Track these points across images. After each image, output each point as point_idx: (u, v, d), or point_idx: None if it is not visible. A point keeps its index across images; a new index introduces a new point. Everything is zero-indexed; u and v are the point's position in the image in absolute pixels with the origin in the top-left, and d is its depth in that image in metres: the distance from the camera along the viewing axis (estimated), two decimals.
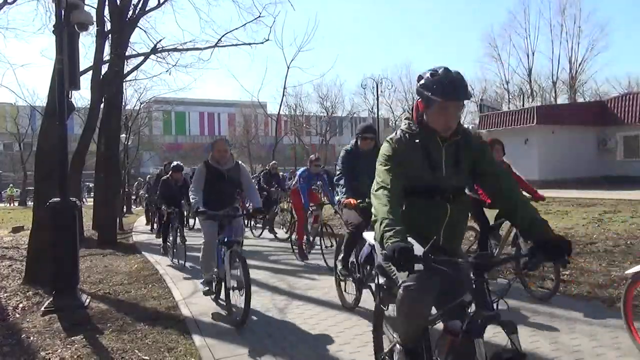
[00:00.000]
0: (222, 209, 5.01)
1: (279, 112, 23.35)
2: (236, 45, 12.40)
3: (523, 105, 37.80)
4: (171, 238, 8.26)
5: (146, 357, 3.72)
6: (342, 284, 4.96)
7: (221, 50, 46.91)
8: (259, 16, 12.25)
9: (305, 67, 61.30)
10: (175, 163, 8.97)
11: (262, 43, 12.77)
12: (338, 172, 4.82)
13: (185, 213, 8.96)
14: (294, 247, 8.10)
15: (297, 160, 42.28)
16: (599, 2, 60.55)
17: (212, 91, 74.00)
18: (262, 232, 11.17)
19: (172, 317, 4.83)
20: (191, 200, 4.88)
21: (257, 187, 7.56)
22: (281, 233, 10.71)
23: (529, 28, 43.03)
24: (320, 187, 8.17)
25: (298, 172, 8.00)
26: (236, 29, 13.66)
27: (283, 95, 20.25)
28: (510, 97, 44.99)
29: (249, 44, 12.78)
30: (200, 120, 68.70)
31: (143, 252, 9.22)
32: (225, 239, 4.78)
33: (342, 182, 4.67)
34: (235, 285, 4.45)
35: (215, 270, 4.98)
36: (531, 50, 43.14)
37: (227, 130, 65.19)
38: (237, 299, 4.47)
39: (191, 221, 12.75)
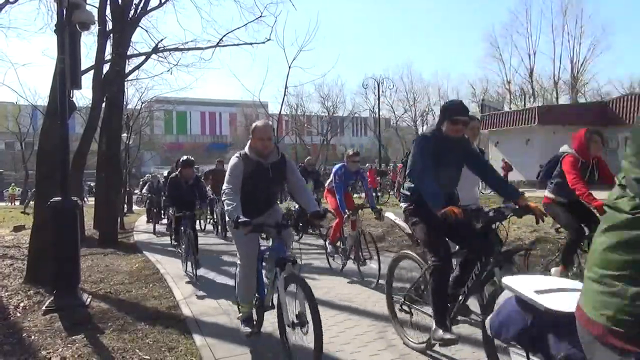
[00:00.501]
0: (261, 215, 3.81)
1: (280, 112, 23.27)
2: (237, 45, 12.38)
3: (524, 106, 37.83)
4: (183, 246, 6.98)
5: (147, 357, 3.73)
6: (407, 315, 3.77)
7: (222, 50, 47.01)
8: (261, 16, 12.24)
9: (307, 67, 61.03)
10: (185, 157, 7.32)
11: (264, 43, 12.73)
12: (418, 172, 3.34)
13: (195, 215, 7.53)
14: (329, 252, 6.80)
15: (298, 159, 42.31)
16: (600, 3, 60.57)
17: (213, 91, 74.16)
18: (301, 236, 9.92)
19: (173, 316, 4.83)
20: (226, 207, 3.51)
21: None
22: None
23: (530, 28, 43.28)
24: (353, 185, 7.01)
25: (333, 169, 6.72)
26: (237, 28, 13.73)
27: (284, 95, 20.20)
28: (512, 97, 45.06)
29: (251, 43, 12.77)
30: (202, 119, 68.82)
31: (144, 252, 9.22)
32: (262, 254, 3.83)
33: (426, 183, 3.25)
34: (296, 321, 3.26)
35: (257, 296, 3.89)
36: (533, 50, 43.18)
37: (228, 130, 65.34)
38: (295, 336, 3.39)
39: (201, 223, 12.48)
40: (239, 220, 3.31)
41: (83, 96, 36.42)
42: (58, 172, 5.49)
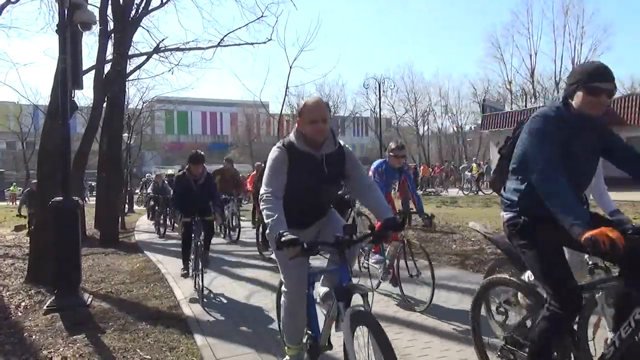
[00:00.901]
0: (312, 226, 2.97)
1: (281, 112, 23.30)
2: (238, 45, 12.43)
3: (526, 106, 37.83)
4: (193, 257, 5.83)
5: (148, 357, 3.72)
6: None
7: (223, 50, 47.10)
8: (262, 16, 12.29)
9: (308, 67, 61.22)
10: (193, 151, 6.17)
11: (265, 43, 12.79)
12: (541, 168, 2.23)
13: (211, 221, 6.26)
14: (364, 263, 5.59)
15: None
16: (602, 3, 60.55)
17: (214, 91, 74.54)
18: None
19: (174, 316, 4.83)
20: (266, 219, 2.56)
21: None
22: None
23: (531, 28, 43.20)
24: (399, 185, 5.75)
25: (373, 165, 5.62)
26: (239, 28, 13.75)
27: (285, 95, 20.27)
28: (513, 97, 45.04)
29: (252, 43, 12.81)
30: (203, 119, 68.85)
31: (145, 252, 9.23)
32: (313, 277, 2.89)
33: (557, 187, 2.16)
34: None
35: (309, 333, 2.96)
36: (534, 50, 43.17)
37: (229, 130, 65.42)
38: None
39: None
40: (283, 239, 2.35)
41: (84, 96, 36.53)
42: (59, 171, 5.50)
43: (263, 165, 10.19)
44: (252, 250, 8.74)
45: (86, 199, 23.76)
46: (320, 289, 2.89)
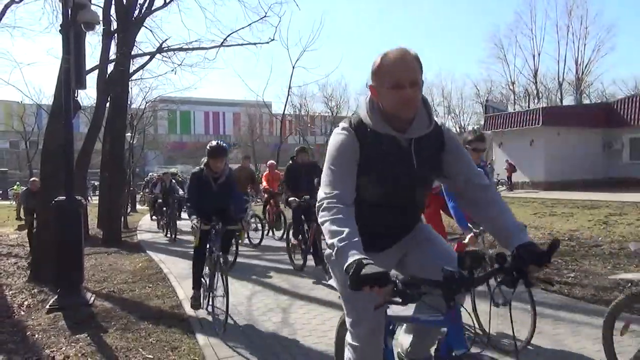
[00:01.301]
0: (393, 245, 2.00)
1: (283, 112, 23.38)
2: (241, 44, 12.50)
3: (529, 107, 37.73)
4: (208, 272, 4.75)
5: (150, 356, 3.73)
6: None
7: (226, 50, 47.14)
8: (265, 16, 12.34)
9: (310, 67, 61.34)
10: (214, 143, 4.85)
11: (268, 43, 12.84)
12: None
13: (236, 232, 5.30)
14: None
15: None
16: (605, 4, 60.40)
17: (217, 90, 74.60)
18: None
19: (176, 316, 4.84)
20: (330, 238, 1.61)
21: None
22: None
23: (535, 29, 43.15)
24: None
25: None
26: (242, 28, 13.78)
27: (288, 95, 20.39)
28: (516, 98, 44.98)
29: (255, 43, 12.86)
30: (205, 119, 68.93)
31: (147, 251, 9.24)
32: (392, 322, 2.02)
33: None
34: None
35: None
36: (537, 51, 43.14)
37: (231, 130, 65.50)
38: None
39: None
40: (365, 273, 1.40)
41: (87, 96, 36.66)
42: (62, 171, 5.52)
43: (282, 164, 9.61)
44: (252, 250, 8.75)
45: (89, 198, 23.79)
46: (403, 339, 2.05)
